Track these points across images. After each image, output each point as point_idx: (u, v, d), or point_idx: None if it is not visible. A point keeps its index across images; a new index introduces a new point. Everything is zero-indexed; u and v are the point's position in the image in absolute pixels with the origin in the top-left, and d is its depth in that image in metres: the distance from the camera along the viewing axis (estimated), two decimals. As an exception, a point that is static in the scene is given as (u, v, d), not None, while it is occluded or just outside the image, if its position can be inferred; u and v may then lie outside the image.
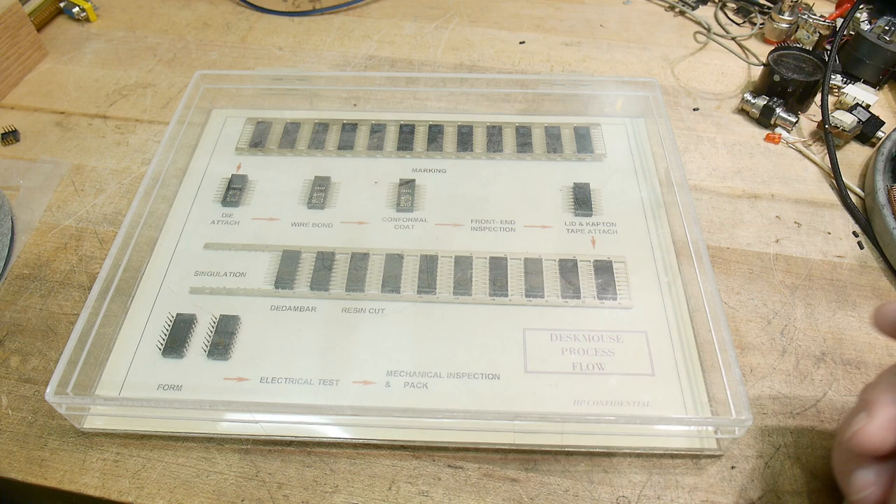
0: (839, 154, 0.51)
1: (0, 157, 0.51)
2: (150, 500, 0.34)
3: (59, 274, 0.44)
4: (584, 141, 0.51)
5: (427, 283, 0.42)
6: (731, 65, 0.60)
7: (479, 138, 0.51)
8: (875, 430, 0.27)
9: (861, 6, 0.59)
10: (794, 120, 0.52)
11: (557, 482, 0.34)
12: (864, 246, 0.45)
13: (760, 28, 0.63)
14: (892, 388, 0.28)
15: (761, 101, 0.53)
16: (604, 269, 0.42)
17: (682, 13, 0.67)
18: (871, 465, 0.28)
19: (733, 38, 0.63)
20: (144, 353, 0.39)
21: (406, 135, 0.51)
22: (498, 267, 0.43)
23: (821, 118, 0.52)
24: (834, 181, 0.49)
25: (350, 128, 0.52)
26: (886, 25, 0.55)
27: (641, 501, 0.34)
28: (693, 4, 0.67)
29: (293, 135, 0.52)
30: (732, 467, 0.35)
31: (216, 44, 0.63)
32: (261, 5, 0.67)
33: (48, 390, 0.34)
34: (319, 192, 0.47)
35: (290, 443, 0.36)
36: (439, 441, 0.35)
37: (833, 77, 0.56)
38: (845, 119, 0.51)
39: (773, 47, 0.56)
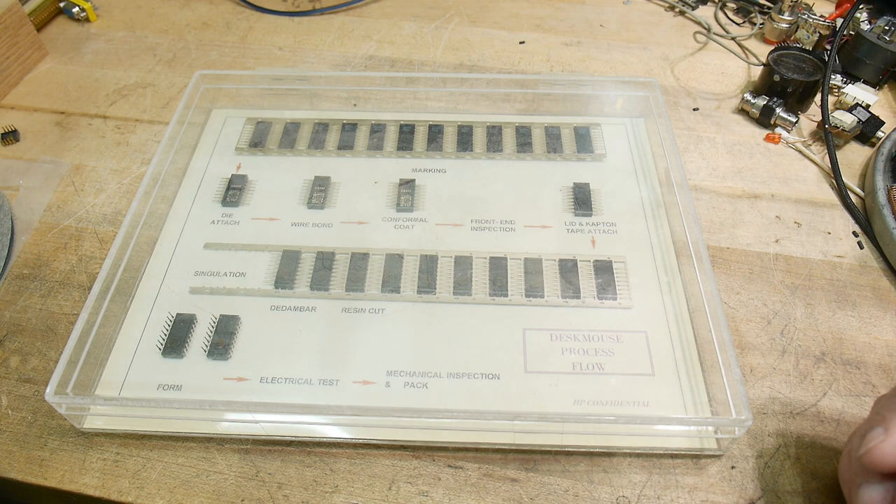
0: (839, 154, 0.51)
1: (0, 157, 0.51)
2: (150, 500, 0.34)
3: (59, 274, 0.44)
4: (584, 141, 0.51)
5: (427, 283, 0.42)
6: (731, 65, 0.60)
7: (479, 138, 0.51)
8: (891, 448, 0.27)
9: (861, 6, 0.59)
10: (794, 120, 0.52)
11: (557, 482, 0.34)
12: (864, 246, 0.45)
13: (760, 28, 0.63)
14: None
15: (761, 101, 0.53)
16: (604, 269, 0.42)
17: (682, 13, 0.67)
18: (881, 481, 0.28)
19: (733, 38, 0.63)
20: (144, 353, 0.39)
21: (406, 135, 0.51)
22: (498, 267, 0.43)
23: (821, 118, 0.51)
24: (834, 181, 0.49)
25: (350, 128, 0.52)
26: (886, 25, 0.55)
27: (641, 501, 0.34)
28: (693, 4, 0.67)
29: (293, 135, 0.52)
30: (732, 467, 0.35)
31: (216, 44, 0.63)
32: (261, 5, 0.67)
33: (48, 390, 0.34)
34: (319, 192, 0.47)
35: (290, 443, 0.36)
36: (439, 441, 0.35)
37: (833, 77, 0.56)
38: (845, 119, 0.51)
39: (773, 47, 0.56)
